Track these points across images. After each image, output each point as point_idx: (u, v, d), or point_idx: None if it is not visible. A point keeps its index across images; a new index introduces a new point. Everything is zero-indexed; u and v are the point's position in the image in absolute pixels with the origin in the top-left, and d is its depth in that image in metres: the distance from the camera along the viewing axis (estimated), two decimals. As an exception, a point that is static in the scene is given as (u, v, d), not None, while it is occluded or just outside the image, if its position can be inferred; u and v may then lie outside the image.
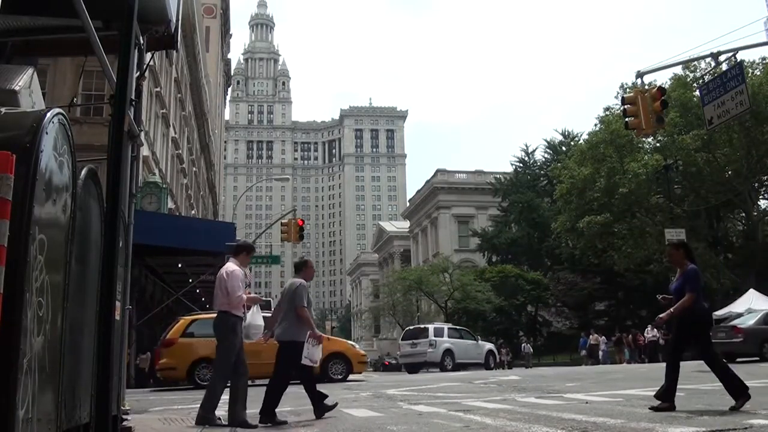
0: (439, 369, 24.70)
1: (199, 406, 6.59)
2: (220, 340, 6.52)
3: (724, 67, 13.76)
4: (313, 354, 6.76)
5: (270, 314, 7.39)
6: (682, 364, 6.63)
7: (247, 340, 6.67)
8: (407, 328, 29.81)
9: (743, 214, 35.69)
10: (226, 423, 6.33)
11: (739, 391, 6.22)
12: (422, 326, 28.59)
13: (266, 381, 7.15)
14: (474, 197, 61.82)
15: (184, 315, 17.28)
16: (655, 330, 28.85)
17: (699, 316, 6.55)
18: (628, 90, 29.12)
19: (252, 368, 6.96)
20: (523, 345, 37.26)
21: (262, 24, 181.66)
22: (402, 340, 27.68)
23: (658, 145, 34.18)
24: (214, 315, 6.69)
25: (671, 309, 6.55)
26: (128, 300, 5.67)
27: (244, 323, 6.59)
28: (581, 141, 43.12)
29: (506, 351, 36.89)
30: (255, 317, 6.66)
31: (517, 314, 45.77)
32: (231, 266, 6.61)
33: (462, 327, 31.44)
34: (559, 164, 41.30)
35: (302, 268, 7.26)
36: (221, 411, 6.61)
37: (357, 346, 17.09)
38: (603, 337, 33.32)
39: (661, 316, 6.97)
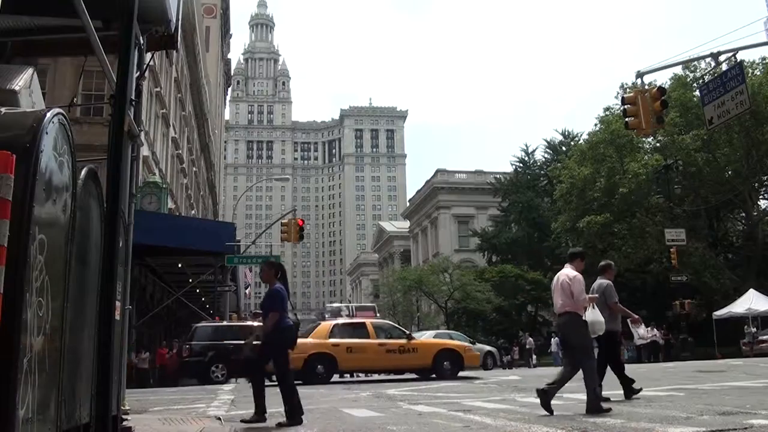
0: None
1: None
2: (578, 336, 6.91)
3: (724, 67, 13.74)
4: (643, 334, 9.42)
5: None
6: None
7: (593, 335, 7.13)
8: None
9: (743, 214, 35.65)
10: (608, 408, 6.65)
11: (294, 413, 6.42)
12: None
13: None
14: (474, 197, 61.73)
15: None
16: (655, 330, 28.82)
17: (279, 333, 6.70)
18: (628, 90, 29.06)
19: None
20: (525, 340, 36.42)
21: (262, 24, 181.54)
22: None
23: (658, 145, 34.16)
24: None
25: (263, 325, 6.83)
26: (128, 300, 5.66)
27: (589, 320, 7.06)
28: (581, 141, 43.06)
29: (511, 349, 36.87)
30: (595, 314, 7.14)
31: (517, 314, 45.69)
32: (571, 272, 7.09)
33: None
34: (559, 164, 41.23)
35: (605, 269, 8.80)
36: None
37: None
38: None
39: (248, 339, 7.53)
